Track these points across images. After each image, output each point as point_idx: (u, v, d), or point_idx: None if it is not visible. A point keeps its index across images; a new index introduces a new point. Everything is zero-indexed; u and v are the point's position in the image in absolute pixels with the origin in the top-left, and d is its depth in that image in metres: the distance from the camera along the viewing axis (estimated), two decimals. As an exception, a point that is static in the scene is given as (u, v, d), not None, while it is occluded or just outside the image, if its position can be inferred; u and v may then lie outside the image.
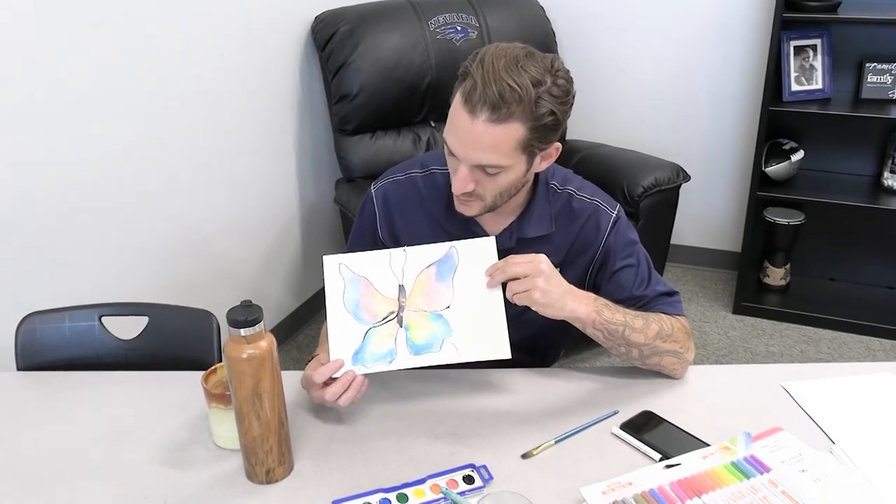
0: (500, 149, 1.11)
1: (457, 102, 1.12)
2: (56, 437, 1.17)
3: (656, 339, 1.21)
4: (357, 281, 1.17)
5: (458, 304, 1.15)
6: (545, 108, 1.10)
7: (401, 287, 1.16)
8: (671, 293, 1.30)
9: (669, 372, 1.26)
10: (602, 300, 1.19)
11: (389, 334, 1.15)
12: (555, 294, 1.12)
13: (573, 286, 1.17)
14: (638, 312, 1.23)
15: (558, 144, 1.20)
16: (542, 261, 1.12)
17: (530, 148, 1.14)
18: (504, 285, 1.14)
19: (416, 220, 1.32)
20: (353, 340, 1.14)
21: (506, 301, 1.14)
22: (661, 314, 1.25)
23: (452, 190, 1.18)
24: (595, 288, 1.28)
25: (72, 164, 1.82)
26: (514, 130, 1.10)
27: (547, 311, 1.13)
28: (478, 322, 1.14)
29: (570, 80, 1.14)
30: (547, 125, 1.12)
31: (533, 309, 1.13)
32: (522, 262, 1.12)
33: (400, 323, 1.15)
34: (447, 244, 1.17)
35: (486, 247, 1.16)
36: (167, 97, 2.07)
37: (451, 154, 1.16)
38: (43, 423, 1.20)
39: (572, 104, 1.16)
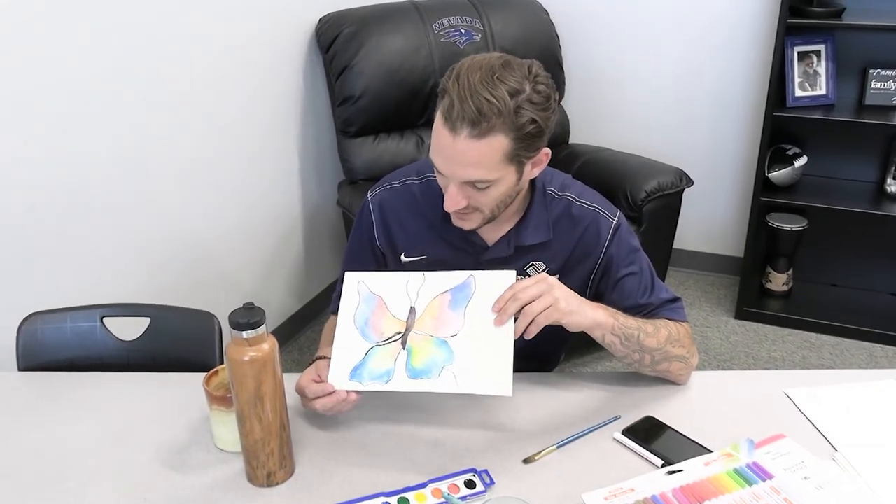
0: (485, 163, 1.10)
1: (438, 121, 1.11)
2: (57, 438, 1.16)
3: (667, 343, 1.21)
4: (372, 299, 1.17)
5: (465, 333, 1.12)
6: (526, 116, 1.08)
7: (412, 309, 1.15)
8: (674, 299, 1.30)
9: (675, 378, 1.26)
10: (611, 309, 1.19)
11: (391, 354, 1.13)
12: (574, 303, 1.12)
13: (583, 298, 1.16)
14: (646, 319, 1.22)
15: (547, 150, 1.18)
16: (548, 277, 1.12)
17: (517, 158, 1.12)
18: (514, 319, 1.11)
19: (414, 227, 1.32)
20: (354, 356, 1.14)
21: None
22: (667, 320, 1.25)
23: (445, 208, 1.16)
24: (597, 297, 1.27)
25: (74, 165, 1.82)
26: (498, 143, 1.08)
27: (574, 318, 1.11)
28: (483, 355, 1.10)
29: (550, 85, 1.12)
30: (530, 133, 1.10)
31: (560, 323, 1.10)
32: (532, 284, 1.10)
33: (403, 345, 1.13)
34: (466, 273, 1.16)
35: (505, 280, 1.13)
36: (170, 98, 2.08)
37: (440, 173, 1.15)
38: (44, 424, 1.20)
39: (555, 109, 1.14)
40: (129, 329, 1.45)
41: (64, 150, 1.78)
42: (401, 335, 1.14)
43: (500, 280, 1.13)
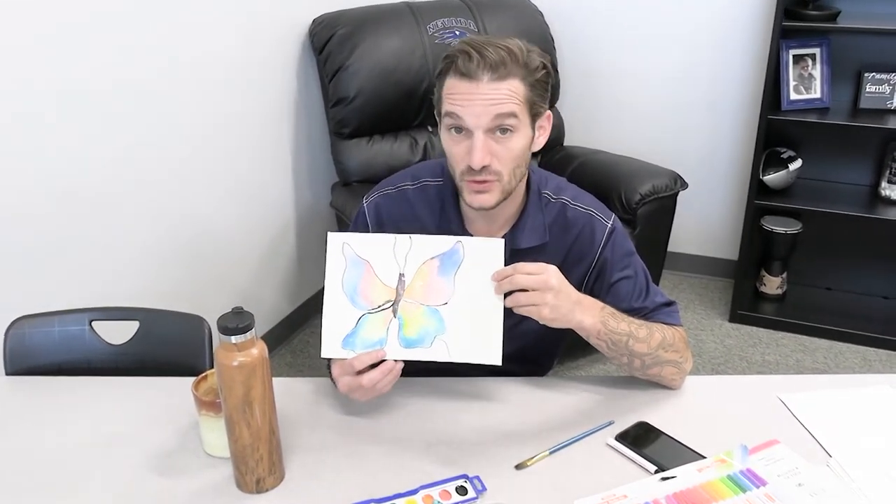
0: (511, 99, 1.13)
1: (452, 81, 1.14)
2: (44, 443, 1.15)
3: (658, 349, 1.20)
4: (359, 263, 1.16)
5: (455, 301, 1.13)
6: (536, 61, 1.15)
7: (401, 275, 1.15)
8: (669, 303, 1.29)
9: (668, 382, 1.25)
10: (609, 309, 1.18)
11: (383, 323, 1.14)
12: (564, 309, 1.11)
13: (582, 295, 1.15)
14: (641, 322, 1.21)
15: (549, 113, 1.22)
16: (551, 275, 1.10)
17: (532, 107, 1.16)
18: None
19: (409, 232, 1.30)
20: (346, 324, 1.14)
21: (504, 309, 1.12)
22: (662, 324, 1.24)
23: (473, 166, 1.14)
24: (592, 299, 1.27)
25: (64, 168, 1.80)
26: (516, 86, 1.13)
27: (554, 324, 1.11)
28: (473, 324, 1.12)
29: (542, 55, 1.19)
30: (541, 80, 1.16)
31: (539, 322, 1.10)
32: (532, 275, 1.09)
33: (395, 313, 1.14)
34: (453, 238, 1.14)
35: (493, 248, 1.13)
36: (162, 100, 2.06)
37: (460, 132, 1.15)
38: (31, 429, 1.19)
39: (552, 73, 1.21)
40: (117, 333, 1.43)
41: (52, 153, 1.77)
42: (391, 303, 1.14)
43: (488, 248, 1.13)
